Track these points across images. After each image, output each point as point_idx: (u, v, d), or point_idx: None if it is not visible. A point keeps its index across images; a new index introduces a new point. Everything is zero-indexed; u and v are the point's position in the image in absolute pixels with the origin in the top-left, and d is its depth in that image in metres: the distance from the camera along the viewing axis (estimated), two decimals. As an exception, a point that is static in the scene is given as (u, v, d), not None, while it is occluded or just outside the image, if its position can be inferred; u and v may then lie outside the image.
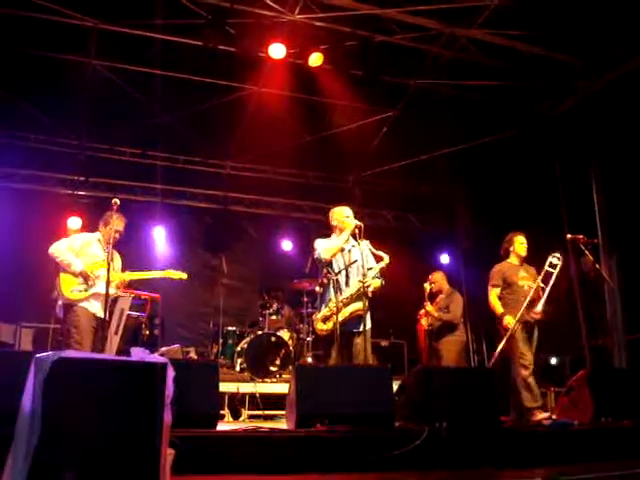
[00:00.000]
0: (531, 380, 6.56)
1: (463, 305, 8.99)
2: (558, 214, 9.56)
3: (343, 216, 6.59)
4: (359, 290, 6.18)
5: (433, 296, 9.06)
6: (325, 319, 6.21)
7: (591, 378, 5.95)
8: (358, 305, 6.19)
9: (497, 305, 6.96)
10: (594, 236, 8.01)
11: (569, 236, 6.99)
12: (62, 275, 6.27)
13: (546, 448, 4.97)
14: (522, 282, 6.98)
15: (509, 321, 6.73)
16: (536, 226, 9.35)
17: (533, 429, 5.68)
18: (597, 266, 6.89)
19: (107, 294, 5.76)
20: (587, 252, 6.80)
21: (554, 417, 6.28)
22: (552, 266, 6.92)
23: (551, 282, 6.82)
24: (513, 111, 10.38)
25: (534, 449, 4.93)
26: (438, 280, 9.15)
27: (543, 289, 6.84)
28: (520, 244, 7.15)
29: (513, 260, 7.17)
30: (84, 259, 6.36)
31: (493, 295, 7.04)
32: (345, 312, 6.17)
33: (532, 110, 10.29)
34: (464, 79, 9.53)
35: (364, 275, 6.16)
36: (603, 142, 9.07)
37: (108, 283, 5.78)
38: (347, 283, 6.31)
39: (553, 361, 10.24)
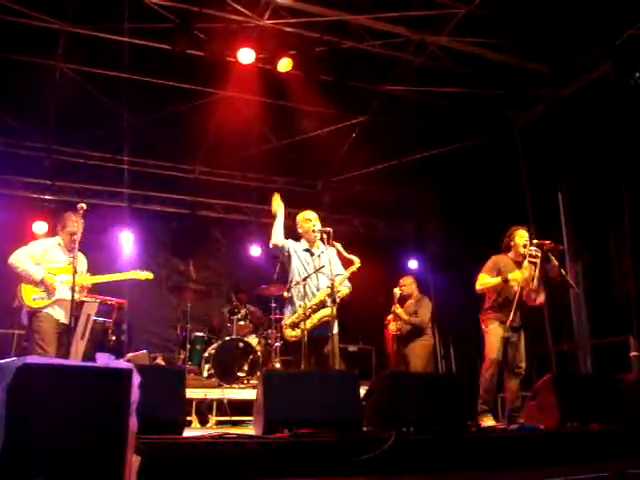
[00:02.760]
0: (492, 382, 6.58)
1: (432, 310, 9.04)
2: (525, 220, 9.65)
3: (303, 219, 6.78)
4: (327, 296, 6.22)
5: (402, 300, 9.09)
6: (294, 325, 6.24)
7: (557, 382, 5.98)
8: (326, 311, 6.24)
9: (491, 281, 6.74)
10: (560, 242, 8.10)
11: (535, 241, 7.03)
12: (23, 285, 6.15)
13: (512, 452, 5.00)
14: (513, 282, 6.77)
15: (515, 276, 6.66)
16: (503, 232, 9.43)
17: (499, 434, 5.72)
18: (563, 271, 6.93)
19: (72, 299, 5.66)
20: (553, 258, 6.83)
21: (521, 421, 6.33)
22: (533, 257, 6.86)
23: (537, 268, 6.76)
24: (481, 118, 10.49)
25: (500, 453, 4.96)
26: (408, 284, 9.20)
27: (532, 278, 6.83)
28: (521, 238, 6.95)
29: (512, 255, 6.98)
30: (44, 266, 6.24)
31: (482, 278, 6.84)
32: (314, 318, 6.23)
33: (500, 117, 10.41)
34: (433, 85, 9.59)
35: (332, 281, 6.18)
36: (570, 148, 9.19)
37: (74, 288, 5.68)
38: (317, 288, 6.36)
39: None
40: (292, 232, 6.93)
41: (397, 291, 8.97)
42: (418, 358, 8.66)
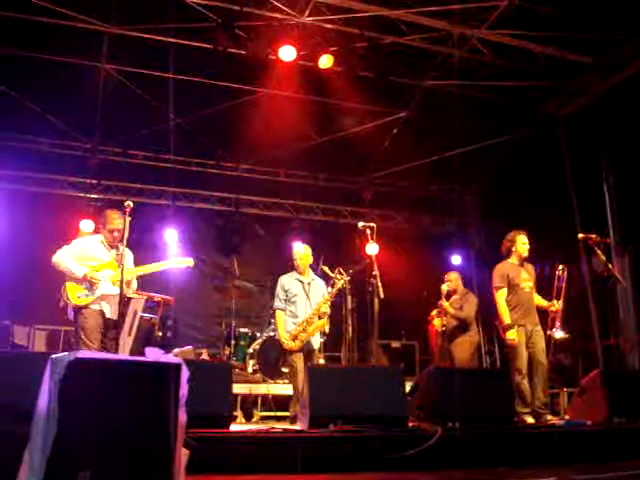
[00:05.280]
0: (523, 386, 6.61)
1: (476, 306, 8.96)
2: (570, 214, 9.53)
3: (295, 254, 7.56)
4: (318, 310, 7.08)
5: (447, 296, 9.03)
6: (294, 338, 7.01)
7: (604, 378, 5.92)
8: (320, 322, 7.09)
9: (506, 313, 6.94)
10: (606, 235, 8.00)
11: (581, 236, 6.99)
12: (67, 283, 6.20)
13: (560, 448, 4.96)
14: (524, 284, 7.04)
15: (512, 336, 6.82)
16: (548, 226, 9.32)
17: (547, 429, 5.67)
18: (609, 266, 6.87)
19: (122, 294, 5.69)
20: (599, 252, 6.78)
21: (567, 417, 6.28)
22: (559, 279, 6.99)
23: (562, 296, 6.93)
24: (524, 111, 10.37)
25: (548, 449, 4.93)
26: (453, 280, 9.11)
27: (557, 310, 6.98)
28: (522, 244, 7.14)
29: (514, 260, 7.18)
30: (87, 263, 6.26)
31: (501, 298, 7.04)
32: (309, 330, 7.04)
33: (543, 109, 10.29)
34: (475, 79, 9.51)
35: (322, 302, 7.16)
36: (615, 141, 9.04)
37: (122, 283, 5.71)
38: (310, 308, 7.19)
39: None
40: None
41: (445, 287, 8.90)
42: (463, 353, 8.59)
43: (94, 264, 6.29)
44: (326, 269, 7.42)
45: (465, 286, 9.23)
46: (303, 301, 7.24)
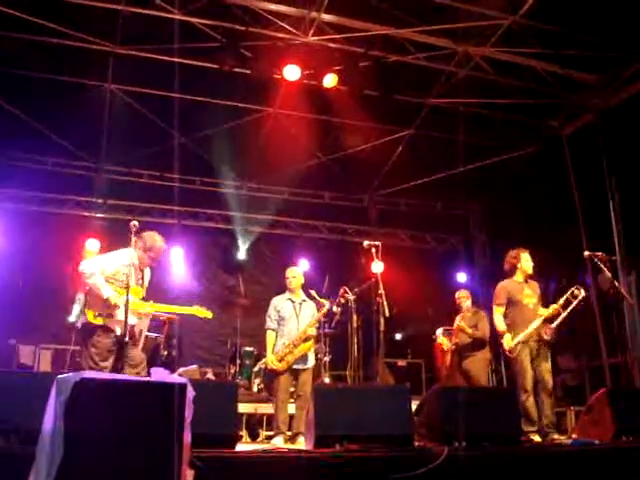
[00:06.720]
0: (529, 404, 6.55)
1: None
2: (576, 231, 9.51)
3: (287, 275, 7.64)
4: (304, 333, 7.23)
5: (456, 314, 9.00)
6: (280, 359, 7.14)
7: (611, 396, 5.88)
8: (306, 345, 7.23)
9: (500, 323, 6.95)
10: (612, 253, 7.97)
11: (587, 253, 6.96)
12: (88, 298, 6.06)
13: (567, 467, 4.92)
14: (527, 300, 6.96)
15: (508, 341, 6.77)
16: (554, 243, 9.31)
17: (554, 448, 5.63)
18: (615, 283, 6.84)
19: (126, 319, 5.59)
20: (605, 269, 6.76)
21: (574, 436, 6.22)
22: (573, 296, 6.90)
23: (568, 310, 6.84)
24: (529, 128, 10.40)
25: (555, 468, 4.88)
26: (465, 297, 9.10)
27: (559, 313, 6.86)
28: (526, 261, 7.11)
29: (518, 277, 7.12)
30: (115, 284, 6.12)
31: (497, 314, 7.03)
32: (296, 352, 7.15)
33: (548, 127, 10.30)
34: (479, 97, 9.54)
35: (307, 325, 7.31)
36: (620, 158, 9.03)
37: (127, 311, 5.56)
38: (297, 329, 7.31)
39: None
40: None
41: (466, 303, 8.93)
42: (480, 371, 8.50)
43: (120, 285, 6.09)
44: (314, 293, 7.59)
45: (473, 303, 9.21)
46: (293, 321, 7.37)
